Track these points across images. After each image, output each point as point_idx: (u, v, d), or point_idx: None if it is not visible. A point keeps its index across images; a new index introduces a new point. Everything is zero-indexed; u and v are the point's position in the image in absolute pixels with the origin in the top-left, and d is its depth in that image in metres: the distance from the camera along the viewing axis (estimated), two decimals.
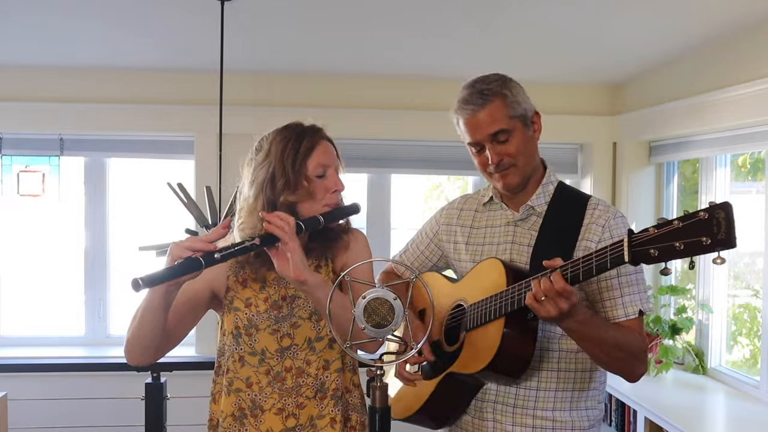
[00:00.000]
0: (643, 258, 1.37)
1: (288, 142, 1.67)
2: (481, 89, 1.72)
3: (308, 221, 1.61)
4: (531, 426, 1.74)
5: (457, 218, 1.93)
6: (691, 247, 1.30)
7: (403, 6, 3.16)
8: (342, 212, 1.71)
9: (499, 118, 1.70)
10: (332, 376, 1.70)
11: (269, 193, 1.65)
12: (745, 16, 3.03)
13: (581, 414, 1.77)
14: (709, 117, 3.39)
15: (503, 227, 1.83)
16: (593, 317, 1.60)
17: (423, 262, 2.01)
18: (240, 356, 1.69)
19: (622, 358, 1.64)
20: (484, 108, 1.70)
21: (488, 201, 1.88)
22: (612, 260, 1.42)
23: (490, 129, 1.70)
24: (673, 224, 1.32)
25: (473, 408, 1.82)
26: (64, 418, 3.80)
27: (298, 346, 1.68)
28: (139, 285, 1.38)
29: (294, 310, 1.68)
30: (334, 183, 1.69)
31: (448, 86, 4.19)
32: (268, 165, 1.66)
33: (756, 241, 3.34)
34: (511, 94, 1.72)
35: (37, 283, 4.50)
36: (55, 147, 4.21)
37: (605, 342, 1.61)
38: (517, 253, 1.77)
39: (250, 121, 4.10)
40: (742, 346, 3.61)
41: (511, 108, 1.71)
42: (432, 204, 4.96)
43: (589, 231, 1.70)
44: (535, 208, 1.78)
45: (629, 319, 1.65)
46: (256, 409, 1.68)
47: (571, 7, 3.10)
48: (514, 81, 1.76)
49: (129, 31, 3.53)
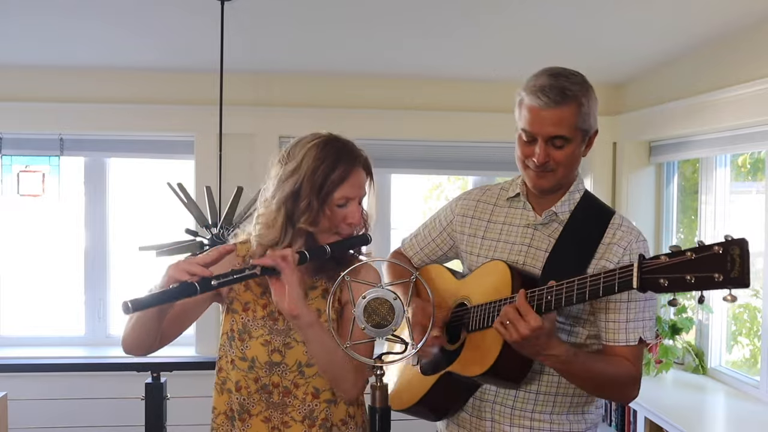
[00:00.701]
0: (652, 286, 1.34)
1: (322, 162, 1.59)
2: (563, 86, 1.63)
3: (314, 251, 1.58)
4: (528, 428, 1.74)
5: (474, 210, 1.89)
6: (702, 282, 1.28)
7: (403, 6, 3.16)
8: (351, 242, 1.68)
9: (566, 124, 1.63)
10: (321, 406, 1.67)
11: (290, 209, 1.60)
12: (745, 16, 3.03)
13: (578, 418, 1.77)
14: (709, 117, 3.39)
15: (522, 228, 1.79)
16: (577, 355, 1.58)
17: (433, 250, 1.97)
18: (232, 359, 1.69)
19: (611, 389, 1.66)
20: (558, 108, 1.62)
21: (514, 197, 1.83)
22: (620, 284, 1.40)
23: (553, 131, 1.64)
24: (686, 255, 1.30)
25: (471, 406, 1.81)
26: (64, 418, 3.80)
27: (288, 366, 1.66)
28: (129, 309, 1.38)
29: (291, 331, 1.65)
30: (352, 215, 1.63)
31: (448, 86, 4.23)
32: (295, 180, 1.59)
33: (756, 241, 3.34)
34: (587, 104, 1.65)
35: (37, 283, 4.50)
36: (55, 147, 4.21)
37: (593, 378, 1.61)
38: (533, 257, 1.74)
39: (250, 121, 4.12)
40: (742, 346, 3.61)
41: (581, 119, 1.65)
42: (432, 204, 4.96)
43: (610, 251, 1.67)
44: (559, 214, 1.74)
45: (629, 345, 1.63)
46: (243, 413, 1.68)
47: (571, 7, 3.10)
48: (593, 91, 1.70)
49: (129, 31, 3.53)
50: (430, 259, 1.99)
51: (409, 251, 2.02)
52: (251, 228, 1.70)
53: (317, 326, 1.53)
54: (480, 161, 4.32)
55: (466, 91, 4.16)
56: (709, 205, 3.71)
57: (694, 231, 3.88)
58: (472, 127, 4.18)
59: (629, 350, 1.63)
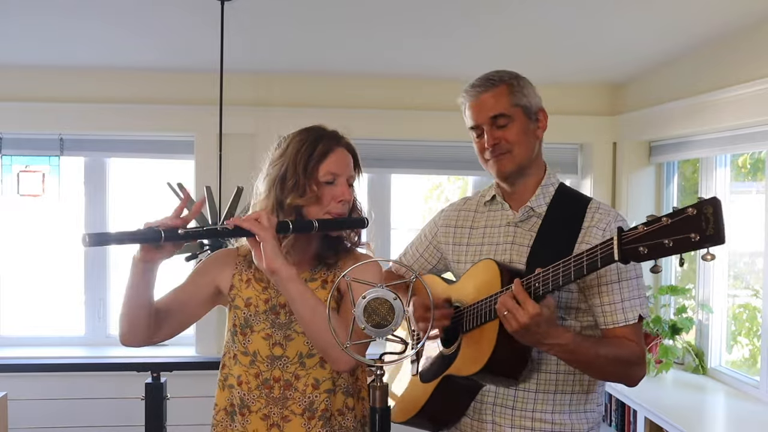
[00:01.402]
0: (633, 256, 1.36)
1: (304, 144, 1.67)
2: (489, 76, 1.77)
3: (299, 223, 1.61)
4: (530, 428, 1.74)
5: (456, 219, 1.93)
6: (679, 243, 1.29)
7: (403, 6, 3.16)
8: (343, 223, 1.70)
9: (502, 103, 1.73)
10: (321, 397, 1.68)
11: (278, 191, 1.65)
12: (745, 16, 3.03)
13: (580, 417, 1.77)
14: (709, 117, 3.39)
15: (503, 227, 1.82)
16: (582, 342, 1.60)
17: (422, 265, 2.01)
18: (234, 354, 1.71)
19: (618, 371, 1.66)
20: (489, 91, 1.74)
21: (490, 200, 1.87)
22: (602, 259, 1.42)
23: (491, 112, 1.73)
24: (661, 221, 1.32)
25: (472, 410, 1.81)
26: (64, 418, 3.80)
27: (289, 359, 1.68)
28: (86, 241, 1.40)
29: (292, 323, 1.68)
30: (341, 192, 1.67)
31: (448, 86, 4.20)
32: (281, 164, 1.67)
33: (756, 241, 3.34)
34: (518, 84, 1.75)
35: (37, 283, 4.50)
36: (55, 147, 4.21)
37: (598, 361, 1.62)
38: (517, 253, 1.76)
39: (250, 121, 4.11)
40: (742, 346, 3.61)
41: (514, 96, 1.74)
42: (432, 204, 4.96)
43: (590, 234, 1.69)
44: (535, 209, 1.77)
45: (628, 324, 1.64)
46: (243, 408, 1.69)
47: (571, 7, 3.10)
48: (526, 79, 1.80)
49: (129, 31, 3.53)
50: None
51: (400, 269, 2.05)
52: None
53: (298, 281, 1.55)
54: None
55: None
56: None
57: None
58: None
59: (630, 329, 1.64)
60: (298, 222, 1.61)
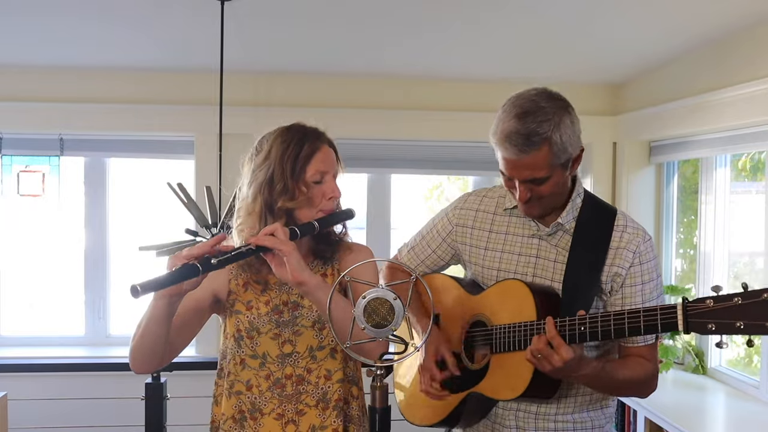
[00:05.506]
0: (699, 330, 1.38)
1: (288, 145, 1.65)
2: (529, 132, 1.57)
3: (303, 227, 1.60)
4: (553, 430, 1.76)
5: (474, 220, 1.86)
6: (752, 328, 1.32)
7: (403, 6, 3.16)
8: (337, 217, 1.70)
9: (540, 167, 1.60)
10: (334, 387, 1.68)
11: (267, 196, 1.64)
12: (745, 16, 3.02)
13: (598, 413, 1.79)
14: (709, 117, 3.39)
15: (527, 238, 1.77)
16: (603, 369, 1.61)
17: (435, 261, 1.95)
18: (241, 359, 1.69)
19: (632, 391, 1.72)
20: (529, 154, 1.58)
21: (513, 207, 1.80)
22: (663, 325, 1.44)
23: (528, 175, 1.61)
24: (732, 300, 1.35)
25: (494, 413, 1.81)
26: (64, 418, 3.80)
27: (300, 354, 1.68)
28: (138, 291, 1.36)
29: (297, 318, 1.68)
30: (331, 189, 1.67)
31: (449, 86, 4.23)
32: (267, 167, 1.65)
33: (756, 241, 3.34)
34: (560, 140, 1.59)
35: (37, 283, 4.51)
36: (55, 147, 4.21)
37: (615, 384, 1.66)
38: (542, 268, 1.74)
39: (250, 121, 4.11)
40: (737, 345, 3.60)
41: (555, 157, 1.59)
42: (432, 204, 4.96)
43: (619, 257, 1.67)
44: (564, 224, 1.73)
45: (647, 344, 1.67)
46: (255, 412, 1.68)
47: (570, 7, 3.10)
48: (568, 115, 1.62)
49: (129, 31, 3.52)
50: (432, 270, 1.98)
51: (410, 264, 1.99)
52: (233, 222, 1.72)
53: (326, 287, 1.53)
54: (480, 161, 4.32)
55: (465, 91, 4.16)
56: (709, 205, 3.71)
57: (694, 231, 3.88)
58: (472, 127, 4.15)
59: (647, 349, 1.68)
60: (302, 227, 1.60)
